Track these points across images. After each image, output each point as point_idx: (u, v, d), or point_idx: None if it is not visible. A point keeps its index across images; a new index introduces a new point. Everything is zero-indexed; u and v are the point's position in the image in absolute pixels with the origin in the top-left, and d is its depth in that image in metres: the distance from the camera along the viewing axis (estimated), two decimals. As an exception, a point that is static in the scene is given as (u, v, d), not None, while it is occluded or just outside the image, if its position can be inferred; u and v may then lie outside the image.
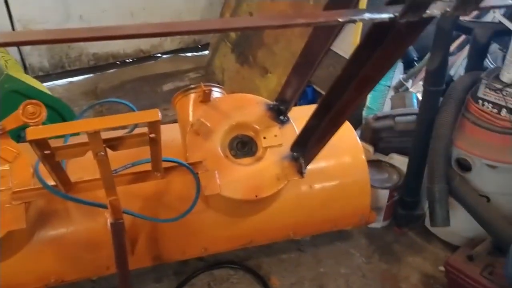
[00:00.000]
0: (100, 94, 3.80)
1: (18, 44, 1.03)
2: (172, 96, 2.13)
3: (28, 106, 1.76)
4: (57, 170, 1.56)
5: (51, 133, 1.34)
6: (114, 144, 1.48)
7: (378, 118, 2.63)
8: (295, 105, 2.02)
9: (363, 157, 2.24)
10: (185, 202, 1.89)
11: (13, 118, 1.77)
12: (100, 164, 1.47)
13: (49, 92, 2.77)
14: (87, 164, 1.57)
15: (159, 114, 1.37)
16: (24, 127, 1.58)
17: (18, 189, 1.70)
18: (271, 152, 1.92)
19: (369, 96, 2.83)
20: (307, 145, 1.77)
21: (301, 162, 1.87)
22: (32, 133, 1.30)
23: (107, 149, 1.45)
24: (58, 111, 2.71)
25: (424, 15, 0.81)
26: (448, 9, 0.81)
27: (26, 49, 3.90)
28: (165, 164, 1.77)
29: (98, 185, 1.70)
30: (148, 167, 1.76)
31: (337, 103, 1.42)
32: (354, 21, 0.83)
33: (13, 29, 3.74)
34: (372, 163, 2.59)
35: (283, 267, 2.40)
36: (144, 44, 4.40)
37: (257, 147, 1.95)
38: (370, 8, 1.08)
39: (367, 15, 0.81)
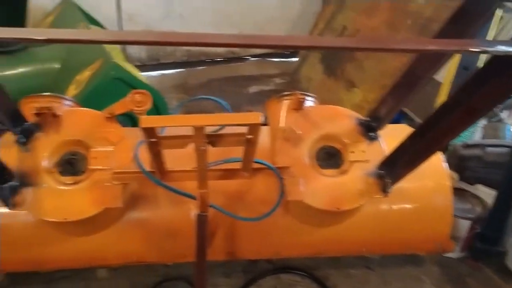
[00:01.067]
0: (188, 89, 3.98)
1: (125, 43, 1.13)
2: (257, 99, 2.21)
3: (136, 95, 1.91)
4: (158, 158, 1.67)
5: (161, 123, 1.46)
6: (214, 140, 1.57)
7: (467, 146, 2.55)
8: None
9: (449, 183, 2.19)
10: (265, 204, 1.94)
11: (121, 104, 1.93)
12: (199, 158, 1.56)
13: (147, 83, 2.94)
14: (178, 155, 1.68)
15: (260, 118, 1.44)
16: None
17: (118, 170, 1.84)
18: (357, 166, 1.94)
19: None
20: (396, 165, 1.76)
21: (386, 181, 1.86)
22: (145, 121, 1.41)
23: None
24: (154, 102, 2.88)
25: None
26: None
27: (127, 39, 4.16)
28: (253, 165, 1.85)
29: (189, 176, 1.80)
30: (236, 165, 1.84)
31: (437, 130, 1.41)
32: (486, 52, 0.84)
33: (120, 20, 4.01)
34: (455, 191, 2.50)
35: (350, 282, 2.39)
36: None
37: (343, 160, 1.97)
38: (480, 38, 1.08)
39: (501, 48, 0.82)
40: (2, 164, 1.66)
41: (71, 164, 1.88)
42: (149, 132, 1.47)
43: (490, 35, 2.52)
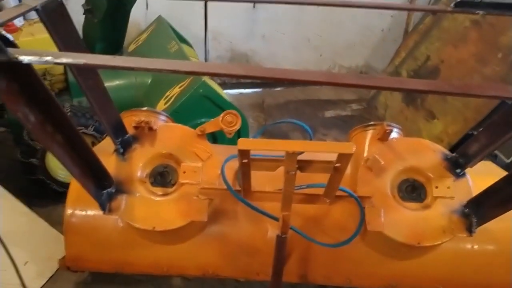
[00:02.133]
0: (266, 109, 4.07)
1: (205, 74, 1.20)
2: (332, 123, 2.23)
3: (228, 115, 2.00)
4: (246, 177, 1.74)
5: (257, 147, 1.52)
6: (303, 165, 1.61)
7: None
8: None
9: (537, 227, 2.09)
10: (342, 232, 1.96)
11: (213, 123, 2.03)
12: (287, 181, 1.61)
13: (230, 101, 3.06)
14: (261, 176, 1.73)
15: (354, 148, 1.46)
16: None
17: (206, 186, 1.93)
18: (440, 202, 1.90)
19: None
20: (485, 206, 1.72)
21: (472, 220, 1.81)
22: (242, 143, 1.48)
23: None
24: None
25: None
26: None
27: (212, 58, 4.36)
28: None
29: (273, 197, 1.86)
30: (318, 191, 1.87)
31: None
32: None
33: (205, 38, 4.21)
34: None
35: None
36: (312, 69, 4.60)
37: (427, 194, 1.95)
38: None
39: None
40: (106, 171, 1.80)
41: (163, 176, 2.00)
42: (244, 153, 1.54)
43: None
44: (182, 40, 3.80)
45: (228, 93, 4.42)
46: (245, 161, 1.60)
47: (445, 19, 3.49)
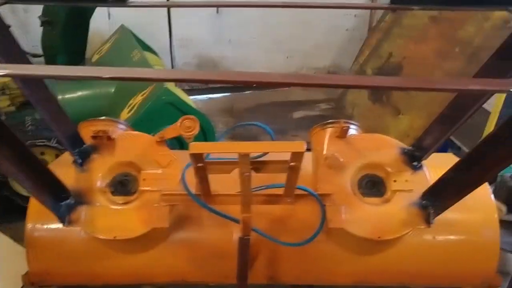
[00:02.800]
0: (235, 113, 4.08)
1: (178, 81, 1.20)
2: (302, 124, 2.25)
3: (186, 120, 2.00)
4: (204, 181, 1.74)
5: (209, 150, 1.53)
6: (258, 166, 1.62)
7: (517, 178, 2.48)
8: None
9: (496, 216, 2.13)
10: (308, 231, 1.96)
11: (172, 129, 2.02)
12: (243, 183, 1.62)
13: (196, 108, 3.06)
14: (223, 180, 1.74)
15: (304, 147, 1.48)
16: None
17: (167, 192, 1.92)
18: (399, 196, 1.93)
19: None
20: (440, 196, 1.75)
21: (430, 211, 1.84)
22: (194, 147, 1.48)
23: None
24: (202, 126, 2.99)
25: None
26: None
27: (178, 65, 4.35)
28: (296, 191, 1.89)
29: (233, 200, 1.86)
30: (279, 191, 1.88)
31: (484, 161, 1.40)
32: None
33: (171, 46, 4.21)
34: (504, 224, 2.43)
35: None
36: (283, 71, 4.63)
37: (386, 189, 1.97)
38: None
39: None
40: (61, 183, 1.78)
41: (123, 185, 1.99)
42: (197, 157, 1.55)
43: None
44: (147, 48, 3.79)
45: (197, 99, 4.43)
46: (200, 165, 1.60)
47: (405, 17, 3.56)
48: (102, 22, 3.98)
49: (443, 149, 3.22)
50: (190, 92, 4.42)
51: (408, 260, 2.13)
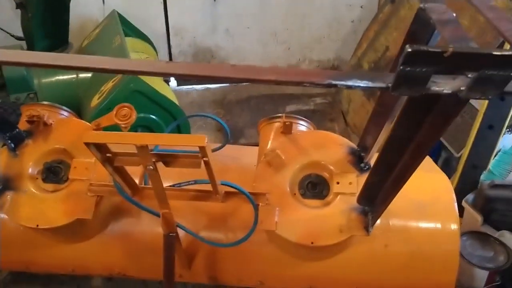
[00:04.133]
0: (226, 105, 3.98)
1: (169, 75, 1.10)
2: None
3: (122, 108, 1.91)
4: (121, 173, 1.65)
5: (106, 139, 1.43)
6: (167, 160, 1.51)
7: (495, 186, 2.26)
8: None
9: (456, 226, 1.94)
10: (247, 231, 1.85)
11: (108, 117, 1.93)
12: (151, 177, 1.52)
13: (170, 96, 2.98)
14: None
15: (206, 141, 1.36)
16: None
17: (94, 182, 1.85)
18: (341, 199, 1.78)
19: (494, 159, 2.45)
20: (371, 200, 1.59)
21: (369, 217, 1.69)
22: (89, 136, 1.39)
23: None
24: (173, 115, 2.91)
25: (428, 92, 0.65)
26: (462, 88, 0.64)
27: (175, 53, 4.28)
28: (228, 188, 1.77)
29: (168, 194, 1.76)
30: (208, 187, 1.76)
31: (396, 165, 1.24)
32: (349, 87, 0.70)
33: (168, 34, 4.14)
34: (477, 236, 2.23)
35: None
36: (281, 63, 4.48)
37: (329, 191, 1.82)
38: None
39: (363, 83, 0.68)
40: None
41: (55, 172, 1.92)
42: (100, 147, 1.46)
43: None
44: (139, 35, 3.74)
45: (194, 89, 4.35)
46: (108, 155, 1.51)
47: (402, 8, 3.33)
48: (96, 8, 3.94)
49: (434, 152, 3.01)
50: (187, 82, 4.37)
51: (356, 269, 1.97)
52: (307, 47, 4.37)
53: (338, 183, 1.80)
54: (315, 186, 1.84)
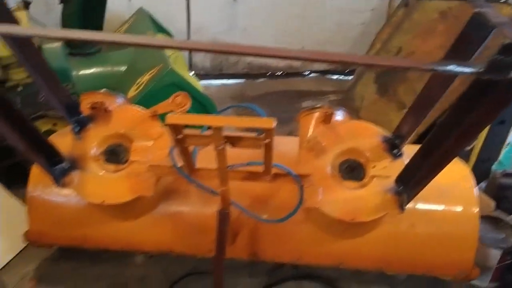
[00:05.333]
0: (244, 100, 4.17)
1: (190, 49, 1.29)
2: None
3: (177, 97, 2.11)
4: (186, 154, 1.84)
5: (185, 121, 1.62)
6: (233, 141, 1.71)
7: (506, 175, 2.49)
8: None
9: (476, 210, 2.16)
10: (288, 210, 2.04)
11: (164, 105, 2.14)
12: (218, 156, 1.71)
13: (201, 89, 3.17)
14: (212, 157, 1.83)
15: (273, 123, 1.56)
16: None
17: (154, 164, 2.04)
18: (377, 181, 1.99)
19: (503, 150, 2.68)
20: (409, 182, 1.81)
21: (403, 197, 1.90)
22: (171, 118, 1.59)
23: (228, 145, 1.68)
24: (205, 108, 3.10)
25: (508, 76, 0.86)
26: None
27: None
28: (276, 170, 1.97)
29: (215, 174, 1.95)
30: (259, 169, 1.96)
31: (440, 148, 1.45)
32: (434, 71, 0.91)
33: (188, 31, 4.33)
34: (491, 220, 2.47)
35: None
36: (295, 61, 4.68)
37: (365, 174, 2.03)
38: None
39: (449, 68, 0.89)
40: (54, 148, 1.92)
41: (115, 154, 2.11)
42: (176, 129, 1.65)
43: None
44: (163, 31, 3.92)
45: (211, 84, 4.54)
46: (179, 136, 1.70)
47: (416, 12, 3.56)
48: (122, 5, 4.13)
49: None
50: (204, 76, 4.57)
51: (384, 246, 2.19)
52: (319, 47, 4.58)
53: (374, 167, 2.01)
54: (352, 170, 2.05)
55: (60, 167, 1.98)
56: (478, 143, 2.71)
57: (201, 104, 3.04)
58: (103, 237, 2.29)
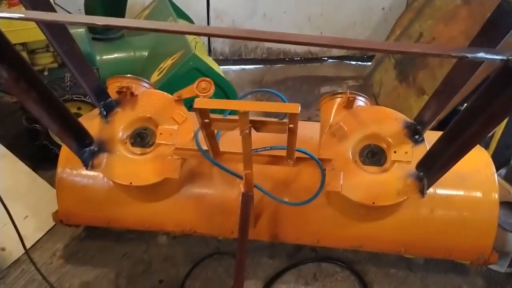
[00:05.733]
0: (264, 85, 4.21)
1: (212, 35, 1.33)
2: None
3: (202, 82, 2.15)
4: (211, 138, 1.89)
5: (212, 106, 1.67)
6: (258, 126, 1.75)
7: (527, 162, 2.50)
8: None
9: (496, 196, 2.18)
10: (309, 193, 2.09)
11: (189, 89, 2.18)
12: (244, 140, 1.76)
13: (222, 75, 3.21)
14: (235, 141, 1.88)
15: (299, 108, 1.59)
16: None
17: (179, 147, 2.10)
18: (398, 166, 2.01)
19: (524, 138, 2.68)
20: (431, 167, 1.83)
21: (424, 182, 1.93)
22: (199, 103, 1.63)
23: (252, 129, 1.73)
24: (226, 92, 3.14)
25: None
26: None
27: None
28: (298, 155, 2.02)
29: (239, 158, 2.01)
30: (283, 153, 2.01)
31: (464, 134, 1.47)
32: (464, 58, 0.93)
33: (208, 18, 4.36)
34: (510, 206, 2.48)
35: (389, 281, 2.46)
36: (315, 47, 4.68)
37: (386, 159, 2.06)
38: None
39: (480, 54, 0.91)
40: (85, 130, 1.98)
41: (142, 137, 2.17)
42: (203, 113, 1.69)
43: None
44: (184, 17, 3.95)
45: (230, 69, 4.58)
46: (206, 121, 1.75)
47: (438, -3, 3.54)
48: (142, -10, 4.17)
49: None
50: (223, 61, 4.60)
51: (404, 230, 2.23)
52: (339, 33, 4.57)
53: (395, 152, 2.04)
54: (374, 155, 2.08)
55: (89, 150, 2.05)
56: (498, 130, 2.72)
57: (222, 89, 3.08)
58: (128, 217, 2.37)
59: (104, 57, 3.31)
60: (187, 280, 2.46)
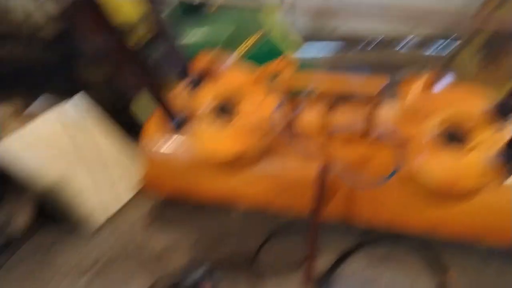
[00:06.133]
0: (341, 67, 4.18)
1: None
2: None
3: (282, 61, 2.22)
4: (291, 115, 1.95)
5: (298, 82, 1.72)
6: (343, 101, 1.78)
7: None
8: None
9: None
10: (385, 174, 2.09)
11: (270, 68, 2.26)
12: (323, 118, 1.81)
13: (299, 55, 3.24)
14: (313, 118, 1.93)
15: (386, 81, 1.60)
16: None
17: (259, 123, 2.17)
18: (480, 149, 1.96)
19: None
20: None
21: (507, 168, 1.87)
22: (284, 79, 1.70)
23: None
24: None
25: None
26: None
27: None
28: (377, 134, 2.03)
29: (317, 135, 2.05)
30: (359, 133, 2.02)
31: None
32: None
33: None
34: None
35: (464, 267, 2.38)
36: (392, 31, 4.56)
37: (467, 142, 2.01)
38: None
39: None
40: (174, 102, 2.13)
41: (224, 112, 2.28)
42: (287, 90, 1.76)
43: None
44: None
45: (308, 51, 4.57)
46: (289, 97, 1.82)
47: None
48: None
49: None
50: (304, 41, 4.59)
51: (482, 217, 2.14)
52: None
53: (477, 135, 1.98)
54: (455, 137, 2.04)
55: (178, 119, 2.18)
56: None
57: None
58: (206, 189, 2.49)
59: (193, 31, 3.46)
60: (260, 252, 2.55)
